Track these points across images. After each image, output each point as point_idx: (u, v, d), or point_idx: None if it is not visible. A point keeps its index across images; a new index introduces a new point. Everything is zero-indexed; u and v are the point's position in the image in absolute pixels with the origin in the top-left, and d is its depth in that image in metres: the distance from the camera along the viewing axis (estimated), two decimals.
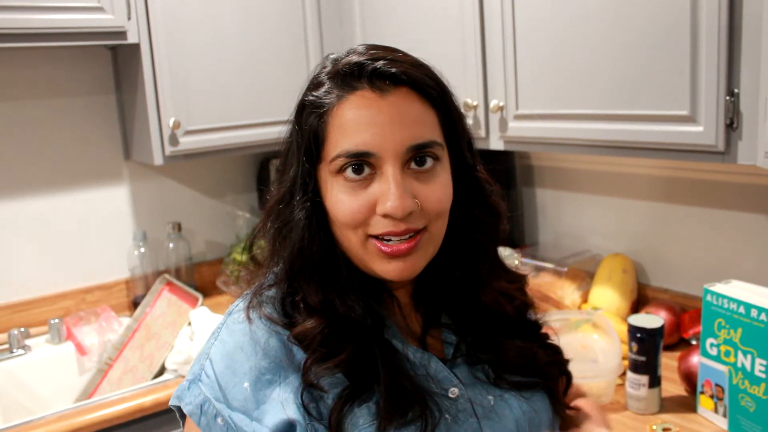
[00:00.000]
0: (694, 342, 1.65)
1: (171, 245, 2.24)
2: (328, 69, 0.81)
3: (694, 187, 1.74)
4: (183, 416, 0.84)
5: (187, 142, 1.97)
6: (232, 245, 2.29)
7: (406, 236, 0.77)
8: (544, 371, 0.88)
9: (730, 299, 1.31)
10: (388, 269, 0.78)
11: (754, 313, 1.27)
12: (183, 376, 1.72)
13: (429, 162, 0.78)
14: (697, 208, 1.74)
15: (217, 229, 2.41)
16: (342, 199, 0.77)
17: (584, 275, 1.94)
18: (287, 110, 0.84)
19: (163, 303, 2.05)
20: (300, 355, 0.78)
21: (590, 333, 1.59)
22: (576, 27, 1.48)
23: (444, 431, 0.78)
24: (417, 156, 0.77)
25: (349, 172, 0.77)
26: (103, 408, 1.60)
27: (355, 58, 0.78)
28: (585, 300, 1.91)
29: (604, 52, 1.43)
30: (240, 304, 0.84)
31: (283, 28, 2.11)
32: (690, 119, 1.30)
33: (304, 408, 0.75)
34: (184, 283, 2.08)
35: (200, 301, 1.95)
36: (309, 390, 0.76)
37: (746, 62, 1.20)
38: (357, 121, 0.76)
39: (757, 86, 1.19)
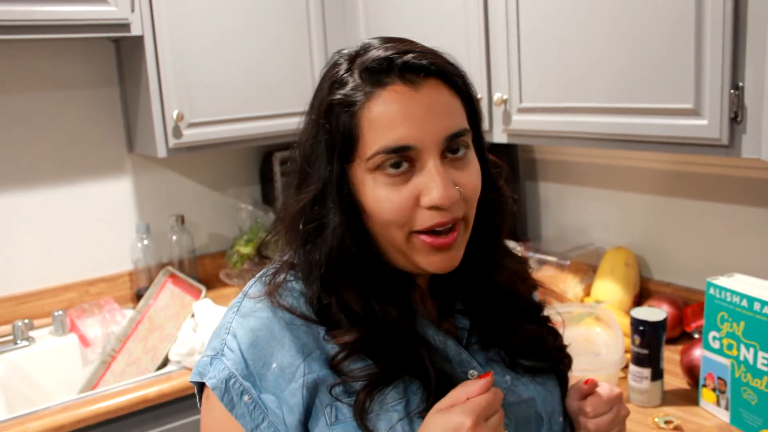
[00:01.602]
0: (696, 335, 1.65)
1: (174, 238, 2.24)
2: (345, 66, 0.79)
3: (697, 181, 1.74)
4: (201, 394, 0.83)
5: (190, 135, 1.97)
6: (235, 238, 2.29)
7: (449, 227, 0.77)
8: (553, 356, 0.90)
9: (733, 292, 1.31)
10: (433, 261, 0.78)
11: (756, 306, 1.27)
12: (187, 368, 1.73)
13: (462, 150, 0.79)
14: (700, 202, 1.74)
15: (220, 222, 2.42)
16: (384, 196, 0.76)
17: (587, 269, 1.94)
18: (290, 103, 0.83)
19: (167, 295, 2.05)
20: (331, 346, 0.78)
21: (593, 326, 1.59)
22: (580, 20, 1.47)
23: None
24: (452, 145, 0.77)
25: (388, 168, 0.76)
26: (106, 399, 1.61)
27: (381, 53, 0.77)
28: (588, 293, 1.91)
29: (608, 46, 1.43)
30: (257, 284, 0.83)
31: (287, 21, 2.10)
32: (694, 113, 1.29)
33: (334, 397, 0.76)
34: (187, 276, 2.09)
35: (203, 294, 1.95)
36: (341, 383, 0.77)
37: (751, 56, 1.20)
38: (392, 116, 0.75)
39: (761, 80, 1.18)
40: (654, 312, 1.43)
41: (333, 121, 0.77)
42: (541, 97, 1.61)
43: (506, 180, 0.90)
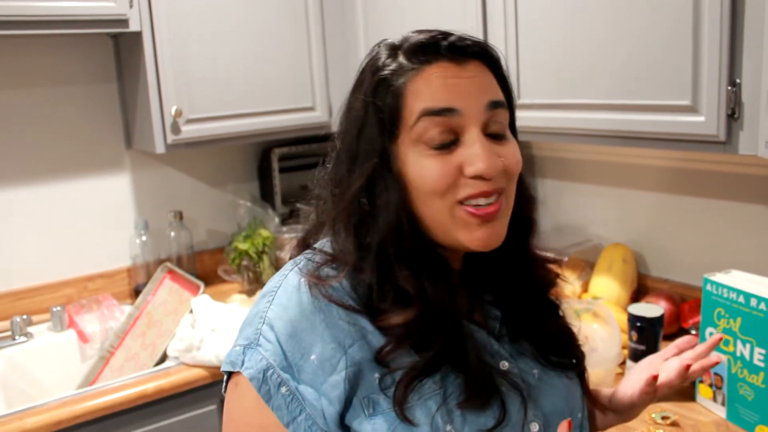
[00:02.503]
0: (693, 332, 1.66)
1: (172, 234, 2.24)
2: (387, 53, 0.81)
3: (694, 178, 1.74)
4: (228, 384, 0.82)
5: (188, 131, 1.97)
6: (234, 234, 2.29)
7: (493, 198, 0.78)
8: (577, 353, 0.91)
9: (730, 289, 1.31)
10: (476, 237, 0.78)
11: (753, 302, 1.27)
12: (185, 364, 1.73)
13: (503, 132, 0.81)
14: (697, 199, 1.74)
15: (218, 218, 2.42)
16: (427, 164, 0.77)
17: (585, 265, 1.95)
18: (289, 99, 0.83)
19: (165, 291, 2.06)
20: (375, 338, 0.77)
21: (590, 322, 1.59)
22: (579, 17, 1.47)
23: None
24: (493, 119, 0.79)
25: (433, 135, 0.77)
26: (105, 395, 1.61)
27: (424, 36, 0.80)
28: (585, 289, 1.91)
29: (606, 43, 1.43)
30: (295, 269, 0.82)
31: (286, 16, 2.10)
32: (692, 109, 1.30)
33: (381, 390, 0.76)
34: (185, 272, 2.09)
35: (201, 289, 1.95)
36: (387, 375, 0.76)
37: (748, 52, 1.20)
38: (438, 84, 0.77)
39: (759, 76, 1.19)
40: (651, 308, 1.44)
41: (381, 99, 0.79)
42: (539, 94, 1.61)
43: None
